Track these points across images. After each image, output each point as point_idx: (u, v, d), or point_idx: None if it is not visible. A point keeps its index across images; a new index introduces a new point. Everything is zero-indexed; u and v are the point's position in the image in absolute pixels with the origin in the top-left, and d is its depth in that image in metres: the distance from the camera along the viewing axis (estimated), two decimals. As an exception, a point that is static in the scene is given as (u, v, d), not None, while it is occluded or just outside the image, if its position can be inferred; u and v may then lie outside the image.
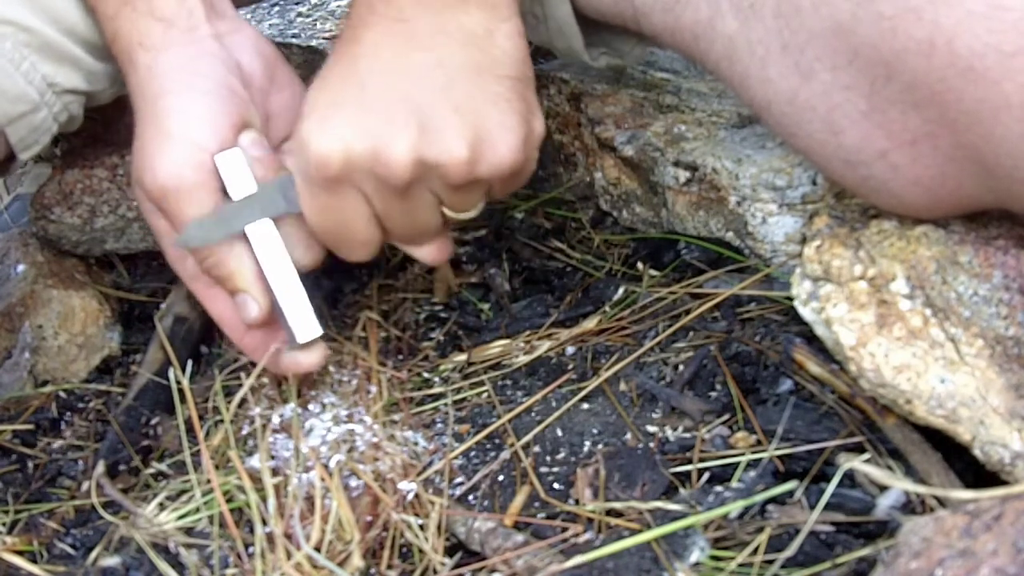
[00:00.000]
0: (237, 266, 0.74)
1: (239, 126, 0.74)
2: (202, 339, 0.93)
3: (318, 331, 0.76)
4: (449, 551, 0.68)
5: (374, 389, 0.82)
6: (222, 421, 0.77)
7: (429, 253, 0.77)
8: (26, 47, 0.76)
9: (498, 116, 0.69)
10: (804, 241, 0.76)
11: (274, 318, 0.76)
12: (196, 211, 0.73)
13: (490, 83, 0.69)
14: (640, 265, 0.94)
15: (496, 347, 0.88)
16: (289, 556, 0.66)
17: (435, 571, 0.67)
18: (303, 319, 0.75)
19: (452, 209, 0.73)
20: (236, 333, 0.79)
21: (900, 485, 0.61)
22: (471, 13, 0.68)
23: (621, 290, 0.90)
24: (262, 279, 0.75)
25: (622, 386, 0.80)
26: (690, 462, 0.70)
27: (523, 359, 0.86)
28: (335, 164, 0.68)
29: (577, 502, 0.70)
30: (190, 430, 0.78)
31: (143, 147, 0.74)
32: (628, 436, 0.75)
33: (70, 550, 0.74)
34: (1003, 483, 0.59)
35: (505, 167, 0.69)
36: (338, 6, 1.99)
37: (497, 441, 0.78)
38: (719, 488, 0.66)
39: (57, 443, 0.86)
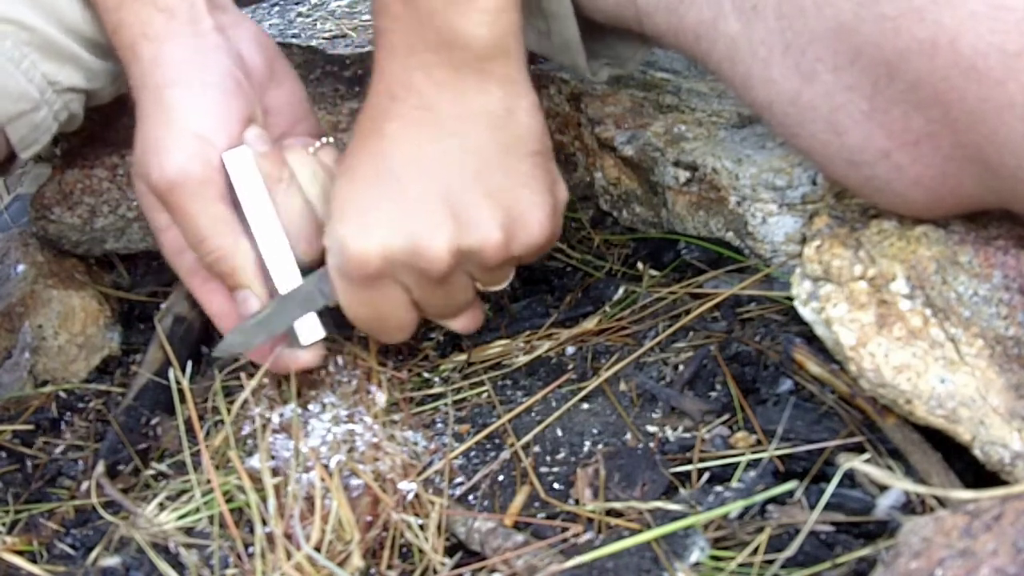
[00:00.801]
0: (240, 262, 0.74)
1: (245, 121, 0.74)
2: (202, 339, 0.93)
3: (321, 333, 0.76)
4: (449, 551, 0.68)
5: (374, 389, 0.82)
6: (222, 421, 0.77)
7: (463, 323, 0.79)
8: (26, 45, 0.76)
9: (527, 195, 0.70)
10: (804, 241, 0.76)
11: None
12: (201, 207, 0.72)
13: (516, 162, 0.70)
14: (640, 265, 0.94)
15: (496, 347, 0.88)
16: (289, 556, 0.66)
17: (435, 571, 0.67)
18: (307, 321, 0.75)
19: (485, 285, 0.75)
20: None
21: (900, 485, 0.61)
22: (492, 93, 0.68)
23: (621, 290, 0.90)
24: (265, 275, 0.75)
25: (622, 386, 0.80)
26: (690, 462, 0.70)
27: (523, 359, 0.86)
28: (375, 263, 0.69)
29: (577, 502, 0.70)
30: (190, 430, 0.78)
31: (148, 139, 0.73)
32: (628, 436, 0.75)
33: (70, 550, 0.74)
34: (1003, 483, 0.59)
35: (538, 243, 0.72)
36: (338, 6, 1.99)
37: (497, 441, 0.78)
38: (719, 488, 0.66)
39: (57, 443, 0.86)
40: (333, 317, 0.79)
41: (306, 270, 0.76)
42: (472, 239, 0.69)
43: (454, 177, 0.68)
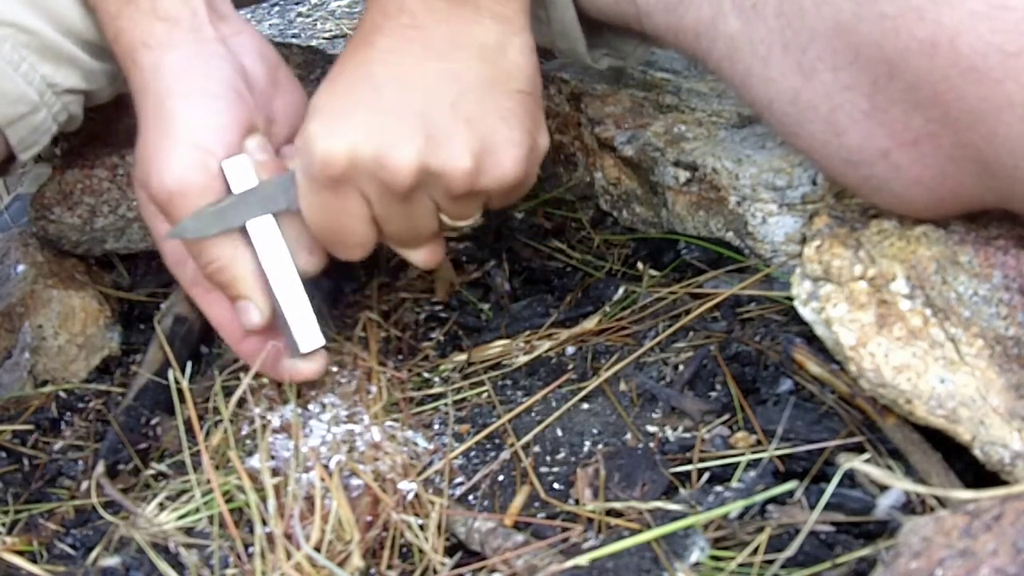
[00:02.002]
0: (240, 272, 0.74)
1: (245, 130, 0.74)
2: (202, 339, 0.93)
3: (320, 341, 0.76)
4: (449, 551, 0.68)
5: (374, 389, 0.82)
6: (222, 421, 0.77)
7: (422, 256, 0.78)
8: (25, 48, 0.76)
9: (505, 130, 0.70)
10: (804, 241, 0.76)
11: (274, 324, 0.76)
12: None
13: (501, 97, 0.70)
14: (640, 265, 0.94)
15: (496, 347, 0.88)
16: (289, 556, 0.66)
17: (435, 571, 0.67)
18: (306, 328, 0.75)
19: (450, 217, 0.74)
20: (234, 338, 0.79)
21: (900, 485, 0.61)
22: (485, 25, 0.69)
23: (621, 290, 0.90)
24: (264, 285, 0.75)
25: (622, 386, 0.80)
26: (690, 462, 0.70)
27: (523, 359, 0.86)
28: (339, 164, 0.68)
29: (577, 502, 0.70)
30: (190, 430, 0.78)
31: (148, 148, 0.74)
32: (628, 436, 0.75)
33: (70, 550, 0.74)
34: (1003, 483, 0.59)
35: (507, 181, 0.71)
36: (338, 6, 1.99)
37: (497, 441, 0.78)
38: (719, 488, 0.66)
39: (57, 443, 0.86)
40: (332, 313, 0.79)
41: (307, 280, 0.76)
42: (440, 159, 0.68)
43: (434, 97, 0.68)
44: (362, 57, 0.70)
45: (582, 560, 0.61)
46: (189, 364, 0.83)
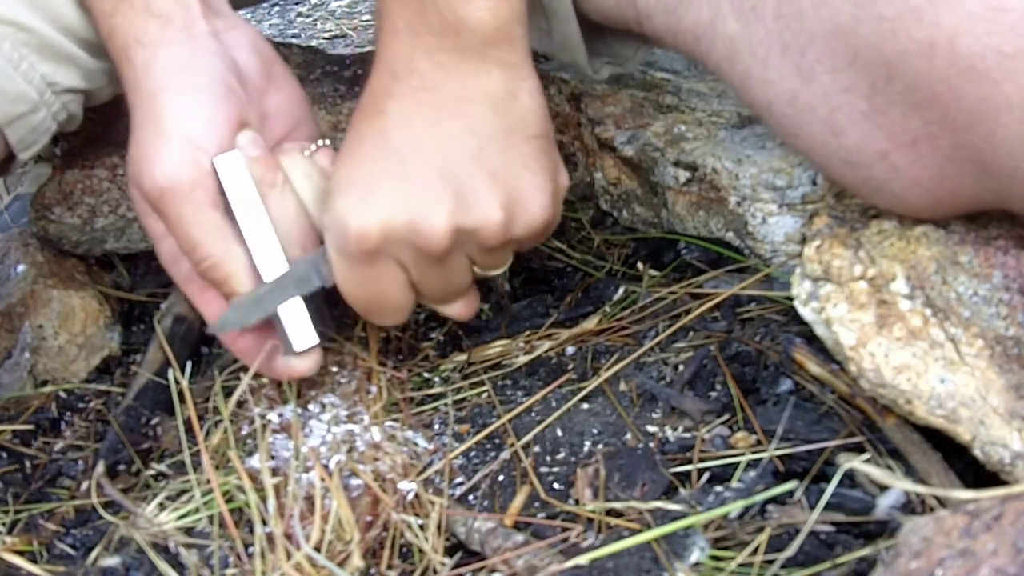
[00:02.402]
0: (233, 268, 0.74)
1: (237, 125, 0.74)
2: (202, 339, 0.93)
3: (315, 339, 0.75)
4: (449, 551, 0.68)
5: (374, 389, 0.82)
6: (222, 421, 0.77)
7: (459, 309, 0.79)
8: (24, 47, 0.76)
9: (529, 177, 0.70)
10: (804, 241, 0.76)
11: (269, 322, 0.76)
12: (192, 213, 0.72)
13: (519, 145, 0.70)
14: (640, 265, 0.94)
15: (496, 347, 0.88)
16: (289, 556, 0.66)
17: (435, 571, 0.67)
18: (300, 326, 0.75)
19: (483, 268, 0.75)
20: (230, 336, 0.78)
21: (900, 485, 0.61)
22: (493, 75, 0.69)
23: (621, 290, 0.90)
24: (259, 283, 0.74)
25: (622, 386, 0.80)
26: (690, 462, 0.70)
27: (523, 359, 0.86)
28: (374, 237, 0.69)
29: (577, 502, 0.70)
30: (190, 430, 0.78)
31: (140, 146, 0.73)
32: (628, 436, 0.75)
33: (70, 550, 0.74)
34: (1003, 483, 0.59)
35: (538, 226, 0.72)
36: (338, 6, 1.99)
37: (497, 441, 0.78)
38: (719, 488, 0.66)
39: (57, 443, 0.86)
40: (332, 313, 0.79)
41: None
42: (472, 218, 0.69)
43: (455, 156, 0.68)
44: (377, 125, 0.70)
45: (582, 560, 0.61)
46: (189, 364, 0.83)
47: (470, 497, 0.73)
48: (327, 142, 0.79)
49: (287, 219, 0.75)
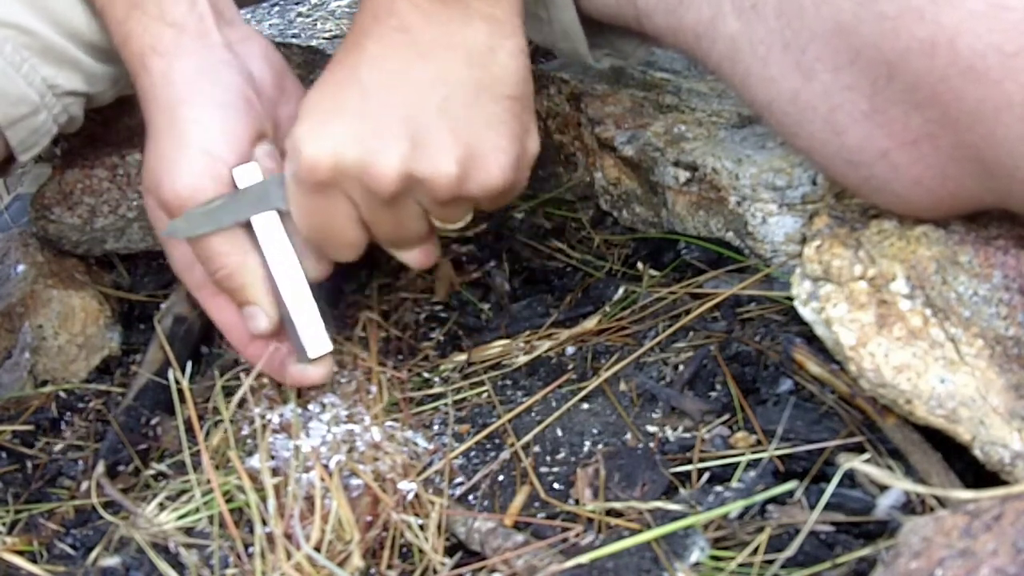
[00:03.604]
0: (249, 279, 0.74)
1: (255, 137, 0.75)
2: (202, 339, 0.93)
3: (328, 346, 0.76)
4: (449, 551, 0.68)
5: (374, 389, 0.82)
6: (222, 421, 0.77)
7: (415, 257, 0.78)
8: (26, 49, 0.76)
9: (493, 137, 0.69)
10: (804, 241, 0.76)
11: (281, 329, 0.76)
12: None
13: (488, 102, 0.69)
14: (640, 265, 0.94)
15: (496, 347, 0.88)
16: (289, 556, 0.66)
17: (435, 571, 0.67)
18: (314, 334, 0.75)
19: (439, 220, 0.74)
20: (241, 342, 0.79)
21: (900, 485, 0.61)
22: (475, 27, 0.68)
23: (621, 290, 0.90)
24: (273, 291, 0.75)
25: (622, 386, 0.80)
26: (690, 462, 0.70)
27: (523, 359, 0.86)
28: (324, 169, 0.69)
29: (577, 502, 0.70)
30: (190, 430, 0.78)
31: (159, 156, 0.74)
32: (628, 436, 0.75)
33: (70, 550, 0.74)
34: (1003, 483, 0.59)
35: (494, 187, 0.70)
36: (338, 6, 1.99)
37: (497, 441, 0.78)
38: (719, 488, 0.66)
39: (57, 443, 0.86)
40: (332, 313, 0.79)
41: (315, 288, 0.76)
42: (424, 166, 0.68)
43: (420, 102, 0.68)
44: (351, 61, 0.70)
45: (582, 560, 0.61)
46: (189, 364, 0.83)
47: (470, 497, 0.73)
48: None
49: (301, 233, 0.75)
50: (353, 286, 0.97)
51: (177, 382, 0.80)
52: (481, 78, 0.69)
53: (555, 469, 0.73)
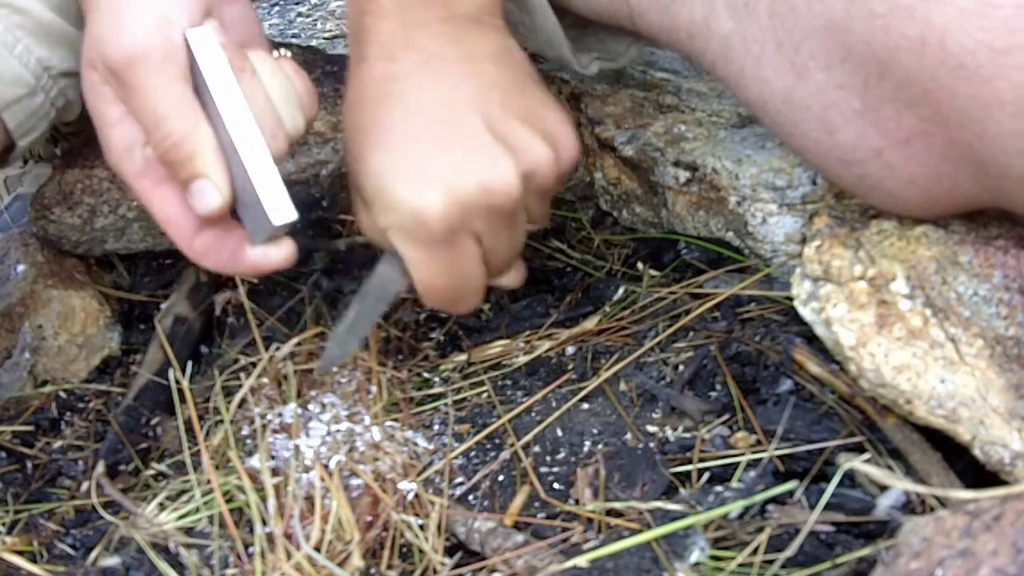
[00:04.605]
0: (201, 146, 0.68)
1: (206, 9, 0.70)
2: (202, 339, 0.93)
3: (293, 214, 0.68)
4: (449, 551, 0.68)
5: (374, 389, 0.82)
6: (222, 421, 0.77)
7: (515, 276, 0.78)
8: (19, 29, 0.75)
9: (552, 113, 0.72)
10: (804, 241, 0.76)
11: (230, 215, 0.70)
12: (162, 84, 0.67)
13: (532, 88, 0.72)
14: (640, 265, 0.94)
15: (496, 347, 0.88)
16: (289, 556, 0.66)
17: (435, 571, 0.67)
18: (278, 198, 0.67)
19: (535, 222, 0.75)
20: (185, 237, 0.71)
21: (900, 485, 0.61)
22: (488, 36, 0.70)
23: (621, 290, 0.90)
24: (225, 164, 0.68)
25: (622, 386, 0.80)
26: (690, 462, 0.70)
27: (523, 359, 0.86)
28: (455, 213, 0.67)
29: (577, 502, 0.70)
30: (190, 430, 0.78)
31: (105, 19, 0.68)
32: (628, 436, 0.75)
33: (70, 550, 0.74)
34: (1003, 483, 0.59)
35: (576, 154, 0.73)
36: (338, 6, 1.99)
37: (497, 441, 0.78)
38: (719, 488, 0.66)
39: (57, 443, 0.86)
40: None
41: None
42: (529, 160, 0.69)
43: (487, 111, 0.69)
44: (395, 110, 0.69)
45: (582, 560, 0.61)
46: (189, 364, 0.83)
47: (470, 497, 0.73)
48: (284, 51, 0.77)
49: (258, 106, 0.69)
50: (353, 286, 0.97)
51: (177, 382, 0.80)
52: (513, 72, 0.71)
53: (555, 469, 0.73)
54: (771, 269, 0.84)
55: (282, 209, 0.67)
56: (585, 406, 0.79)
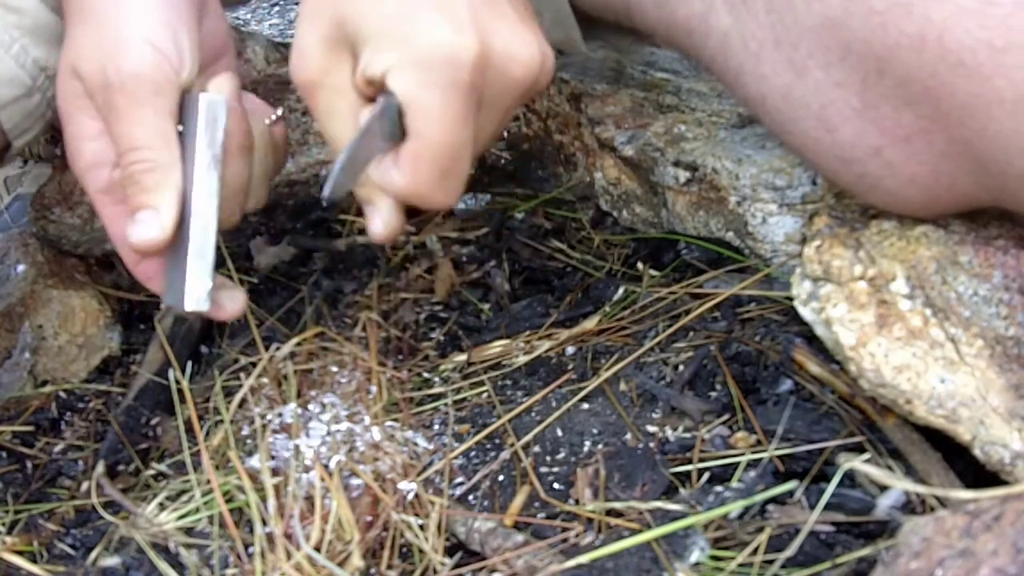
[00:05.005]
0: (169, 183, 0.68)
1: (195, 43, 0.70)
2: (202, 339, 0.93)
3: (206, 306, 0.69)
4: (449, 551, 0.68)
5: (374, 389, 0.82)
6: (222, 421, 0.77)
7: (454, 195, 0.72)
8: (16, 29, 0.75)
9: (527, 17, 0.69)
10: (804, 241, 0.76)
11: (166, 250, 0.70)
12: (149, 115, 0.68)
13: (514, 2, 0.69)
14: (640, 265, 0.94)
15: (496, 347, 0.88)
16: (289, 556, 0.66)
17: (435, 571, 0.67)
18: (201, 286, 0.69)
19: (493, 137, 0.71)
20: (133, 258, 0.72)
21: (900, 485, 0.61)
22: None
23: (621, 290, 0.90)
24: (179, 210, 0.69)
25: (622, 386, 0.80)
26: (690, 462, 0.70)
27: (523, 359, 0.86)
28: (482, 65, 0.64)
29: (577, 502, 0.70)
30: (190, 430, 0.78)
31: (92, 33, 0.69)
32: (628, 436, 0.75)
33: (70, 550, 0.74)
34: (1003, 483, 0.59)
35: (553, 63, 0.69)
36: (338, 6, 1.98)
37: (497, 441, 0.78)
38: (719, 488, 0.66)
39: (57, 443, 0.86)
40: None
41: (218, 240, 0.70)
42: (546, 51, 0.67)
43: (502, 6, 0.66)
44: None
45: (582, 560, 0.61)
46: (189, 364, 0.83)
47: (470, 497, 0.73)
48: (280, 112, 0.77)
49: (231, 190, 0.71)
50: (353, 286, 0.97)
51: (177, 382, 0.80)
52: None
53: (555, 469, 0.73)
54: (771, 269, 0.84)
55: (199, 297, 0.69)
56: (585, 406, 0.79)
